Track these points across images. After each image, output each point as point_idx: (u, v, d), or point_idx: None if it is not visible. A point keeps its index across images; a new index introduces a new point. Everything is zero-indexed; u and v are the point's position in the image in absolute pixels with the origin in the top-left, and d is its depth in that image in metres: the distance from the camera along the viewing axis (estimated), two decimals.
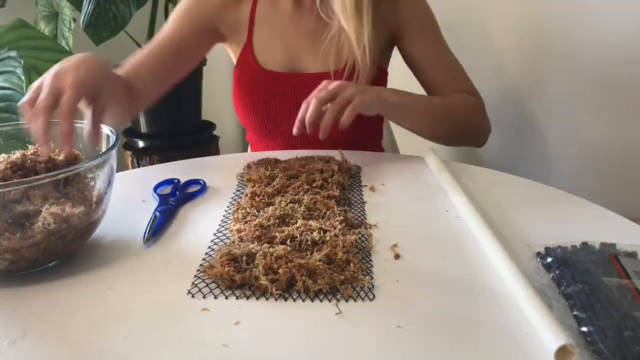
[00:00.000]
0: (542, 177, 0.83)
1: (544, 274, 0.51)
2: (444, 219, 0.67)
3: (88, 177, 0.57)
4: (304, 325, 0.47)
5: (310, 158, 0.83)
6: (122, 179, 0.78)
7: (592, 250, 0.53)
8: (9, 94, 1.18)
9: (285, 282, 0.50)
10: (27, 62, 1.41)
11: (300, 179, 0.74)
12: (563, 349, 0.41)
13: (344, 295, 0.50)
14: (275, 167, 0.79)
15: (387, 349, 0.44)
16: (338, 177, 0.74)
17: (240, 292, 0.51)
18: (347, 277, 0.52)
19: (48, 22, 1.82)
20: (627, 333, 0.41)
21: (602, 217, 0.67)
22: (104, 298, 0.51)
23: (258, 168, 0.79)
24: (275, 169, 0.78)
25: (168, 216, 0.66)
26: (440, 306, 0.49)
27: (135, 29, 1.85)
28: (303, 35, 0.96)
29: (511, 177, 0.81)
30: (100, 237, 0.62)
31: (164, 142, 1.90)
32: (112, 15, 1.63)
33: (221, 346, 0.44)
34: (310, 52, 0.96)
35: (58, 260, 0.56)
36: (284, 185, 0.72)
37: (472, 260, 0.57)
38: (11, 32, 1.39)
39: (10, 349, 0.44)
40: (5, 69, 1.21)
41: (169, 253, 0.59)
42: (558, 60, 1.20)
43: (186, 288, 0.52)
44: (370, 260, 0.57)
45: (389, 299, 0.50)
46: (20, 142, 0.65)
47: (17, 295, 0.51)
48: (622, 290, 0.46)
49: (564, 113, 1.22)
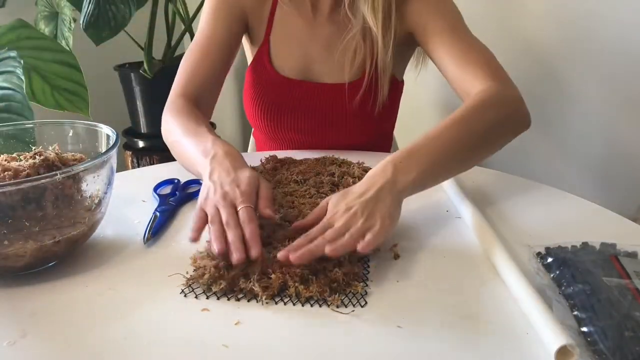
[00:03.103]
0: (542, 177, 0.83)
1: (544, 274, 0.51)
2: (444, 219, 0.67)
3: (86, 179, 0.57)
4: (304, 326, 0.47)
5: (323, 161, 0.84)
6: (122, 179, 0.78)
7: (592, 250, 0.53)
8: (9, 94, 1.18)
9: (277, 287, 0.50)
10: (27, 62, 1.41)
11: (308, 183, 0.74)
12: (563, 349, 0.41)
13: (330, 305, 0.49)
14: (287, 168, 0.80)
15: (387, 349, 0.44)
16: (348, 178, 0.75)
17: (240, 294, 0.51)
18: (340, 284, 0.51)
19: (48, 22, 1.82)
20: (627, 333, 0.41)
21: (602, 217, 0.67)
22: (104, 298, 0.51)
23: (266, 167, 0.80)
24: (285, 169, 0.79)
25: (168, 216, 0.66)
26: (440, 306, 0.49)
27: (135, 29, 1.85)
28: (319, 43, 0.95)
29: (511, 177, 0.81)
30: (100, 237, 0.62)
31: (164, 142, 1.90)
32: (112, 15, 1.63)
33: (221, 346, 0.44)
34: (325, 61, 0.95)
35: (58, 260, 0.56)
36: (293, 186, 0.73)
37: (472, 260, 0.57)
38: (11, 32, 1.39)
39: (10, 349, 0.44)
40: (5, 69, 1.21)
41: (169, 253, 0.59)
42: (558, 60, 1.20)
43: (186, 288, 0.52)
44: (368, 262, 0.57)
45: (389, 299, 0.50)
46: (20, 142, 0.65)
47: (17, 295, 0.51)
48: (622, 290, 0.46)
49: (563, 113, 1.23)
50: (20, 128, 0.67)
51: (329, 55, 0.94)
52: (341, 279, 0.51)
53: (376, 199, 0.60)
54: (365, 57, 0.91)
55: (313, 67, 0.96)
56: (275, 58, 0.96)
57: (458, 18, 0.90)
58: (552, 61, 1.22)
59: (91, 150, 0.64)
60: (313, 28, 0.95)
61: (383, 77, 0.91)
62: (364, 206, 0.59)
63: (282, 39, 0.95)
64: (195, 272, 0.53)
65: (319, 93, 0.95)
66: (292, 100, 0.95)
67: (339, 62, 0.92)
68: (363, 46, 0.90)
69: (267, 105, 0.96)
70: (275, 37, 0.95)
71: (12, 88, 1.18)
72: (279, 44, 0.96)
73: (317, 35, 0.95)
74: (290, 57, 0.95)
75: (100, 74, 1.98)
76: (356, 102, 0.92)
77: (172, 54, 1.97)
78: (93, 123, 0.65)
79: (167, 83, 0.92)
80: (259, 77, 0.97)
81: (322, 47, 0.94)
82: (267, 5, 0.95)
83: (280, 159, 0.83)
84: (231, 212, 0.58)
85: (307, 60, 0.95)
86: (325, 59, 0.94)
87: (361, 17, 0.89)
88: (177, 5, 1.92)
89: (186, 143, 0.75)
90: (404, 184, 0.63)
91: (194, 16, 1.92)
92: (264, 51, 0.96)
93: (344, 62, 0.92)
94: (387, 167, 0.64)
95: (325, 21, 0.94)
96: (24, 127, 0.67)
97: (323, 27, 0.94)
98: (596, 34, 1.13)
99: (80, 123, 0.66)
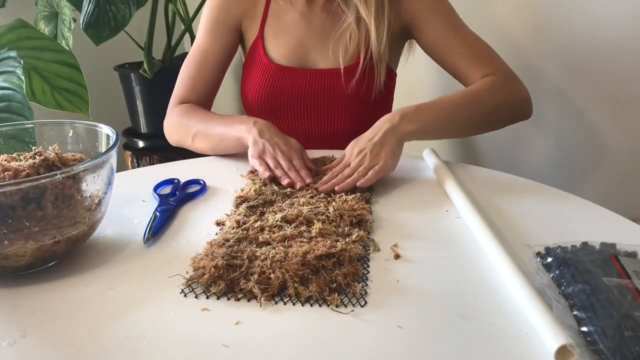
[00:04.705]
0: (542, 177, 0.83)
1: (544, 274, 0.51)
2: (444, 219, 0.67)
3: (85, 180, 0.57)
4: (304, 325, 0.47)
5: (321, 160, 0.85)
6: (122, 179, 0.78)
7: (592, 250, 0.53)
8: (9, 94, 1.18)
9: (277, 287, 0.51)
10: (27, 62, 1.41)
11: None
12: (563, 349, 0.41)
13: (330, 305, 0.49)
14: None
15: (387, 349, 0.44)
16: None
17: (240, 294, 0.51)
18: (339, 284, 0.51)
19: (48, 22, 1.82)
20: (627, 333, 0.41)
21: (602, 217, 0.67)
22: (104, 298, 0.51)
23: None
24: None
25: (168, 216, 0.66)
26: (440, 306, 0.49)
27: (135, 29, 1.86)
28: (314, 32, 0.97)
29: (511, 177, 0.81)
30: (100, 237, 0.62)
31: (164, 142, 1.89)
32: (112, 15, 1.63)
33: (221, 346, 0.44)
34: (320, 49, 0.97)
35: (58, 260, 0.56)
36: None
37: (472, 260, 0.57)
38: (11, 32, 1.39)
39: (10, 349, 0.44)
40: (5, 69, 1.21)
41: (169, 253, 0.59)
42: (559, 60, 1.20)
43: (186, 288, 0.52)
44: (368, 262, 0.57)
45: (389, 299, 0.50)
46: (20, 142, 0.65)
47: (17, 295, 0.51)
48: (622, 290, 0.46)
49: (563, 113, 1.22)
50: (20, 128, 0.67)
51: (324, 43, 0.96)
52: (341, 279, 0.51)
53: (382, 141, 0.77)
54: (360, 44, 0.93)
55: (308, 55, 0.98)
56: (269, 48, 0.98)
57: (455, 14, 0.95)
58: (552, 61, 1.22)
59: (91, 150, 0.64)
60: (307, 18, 0.97)
61: (379, 65, 0.94)
62: (371, 148, 0.76)
63: (276, 30, 0.98)
64: (195, 272, 0.53)
65: (315, 78, 0.97)
66: (288, 88, 0.97)
67: (333, 49, 0.95)
68: (357, 33, 0.93)
69: (264, 94, 0.98)
70: (269, 29, 0.98)
71: (12, 88, 1.18)
72: (273, 35, 0.98)
73: (311, 24, 0.97)
74: (285, 47, 0.98)
75: (100, 74, 1.98)
76: (352, 86, 0.94)
77: (172, 54, 1.97)
78: (93, 123, 0.65)
79: (167, 83, 0.93)
80: (255, 68, 0.99)
81: (317, 36, 0.96)
82: (260, 2, 0.98)
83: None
84: (289, 164, 0.77)
85: (301, 48, 0.97)
86: (320, 46, 0.97)
87: (354, 8, 0.92)
88: (177, 5, 1.92)
89: (213, 125, 0.88)
90: (405, 131, 0.79)
91: (194, 16, 1.92)
92: (258, 43, 0.99)
93: (339, 49, 0.94)
94: (395, 116, 0.80)
95: (319, 11, 0.97)
96: (24, 127, 0.67)
97: (317, 17, 0.97)
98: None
99: (80, 123, 0.66)
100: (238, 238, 0.59)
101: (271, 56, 0.98)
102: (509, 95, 0.90)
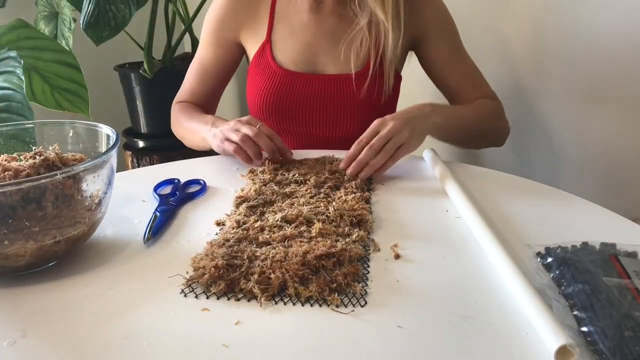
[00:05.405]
0: (542, 177, 0.83)
1: (544, 274, 0.51)
2: (444, 219, 0.67)
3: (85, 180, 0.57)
4: (304, 325, 0.47)
5: (321, 161, 0.84)
6: (122, 179, 0.78)
7: (592, 250, 0.53)
8: (9, 94, 1.18)
9: (277, 287, 0.51)
10: (27, 62, 1.41)
11: (309, 183, 0.74)
12: (563, 349, 0.41)
13: (330, 305, 0.49)
14: (287, 168, 0.81)
15: (387, 349, 0.44)
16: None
17: (240, 294, 0.51)
18: (339, 284, 0.51)
19: (48, 22, 1.82)
20: (627, 333, 0.41)
21: (602, 217, 0.67)
22: (104, 298, 0.51)
23: (267, 168, 0.80)
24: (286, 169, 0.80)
25: (168, 216, 0.66)
26: (440, 306, 0.49)
27: (135, 29, 1.86)
28: (322, 36, 0.96)
29: (511, 177, 0.81)
30: (100, 237, 0.62)
31: (164, 142, 1.90)
32: (112, 15, 1.63)
33: (221, 346, 0.44)
34: (329, 53, 0.96)
35: (58, 260, 0.56)
36: (293, 187, 0.73)
37: (472, 260, 0.57)
38: (11, 32, 1.39)
39: (10, 349, 0.44)
40: (5, 69, 1.21)
41: (169, 253, 0.59)
42: (559, 60, 1.20)
43: (186, 288, 0.52)
44: (368, 262, 0.57)
45: (389, 299, 0.50)
46: (20, 142, 0.65)
47: (17, 295, 0.51)
48: (622, 290, 0.46)
49: (563, 113, 1.22)
50: (20, 128, 0.67)
51: (334, 48, 0.95)
52: (341, 279, 0.51)
53: (414, 120, 0.80)
54: (370, 49, 0.93)
55: (317, 60, 0.97)
56: (277, 53, 0.97)
57: (459, 35, 0.99)
58: (552, 61, 1.22)
59: (91, 150, 0.64)
60: (316, 21, 0.96)
61: (390, 68, 0.94)
62: (405, 121, 0.78)
63: (284, 34, 0.96)
64: (195, 272, 0.53)
65: (324, 84, 0.96)
66: (296, 93, 0.96)
67: (344, 53, 0.94)
68: (369, 38, 0.93)
69: (271, 99, 0.97)
70: (277, 33, 0.97)
71: (12, 88, 1.18)
72: (281, 39, 0.97)
73: (320, 28, 0.96)
74: (293, 51, 0.96)
75: (100, 74, 1.98)
76: (363, 91, 0.94)
77: (172, 54, 1.97)
78: (93, 123, 0.65)
79: (167, 83, 0.94)
80: (262, 72, 0.98)
81: (326, 40, 0.95)
82: (264, 4, 0.97)
83: (281, 159, 0.83)
84: (253, 128, 0.79)
85: (310, 53, 0.96)
86: (330, 51, 0.96)
87: (369, 12, 0.91)
88: (177, 5, 1.92)
89: (190, 125, 0.95)
90: (433, 121, 0.82)
91: (194, 16, 1.92)
92: (266, 48, 0.97)
93: (350, 53, 0.94)
94: (426, 105, 0.84)
95: (329, 14, 0.96)
96: (24, 127, 0.67)
97: (327, 20, 0.96)
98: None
99: (80, 123, 0.66)
100: (238, 238, 0.59)
101: (278, 60, 0.97)
102: (502, 122, 0.99)
